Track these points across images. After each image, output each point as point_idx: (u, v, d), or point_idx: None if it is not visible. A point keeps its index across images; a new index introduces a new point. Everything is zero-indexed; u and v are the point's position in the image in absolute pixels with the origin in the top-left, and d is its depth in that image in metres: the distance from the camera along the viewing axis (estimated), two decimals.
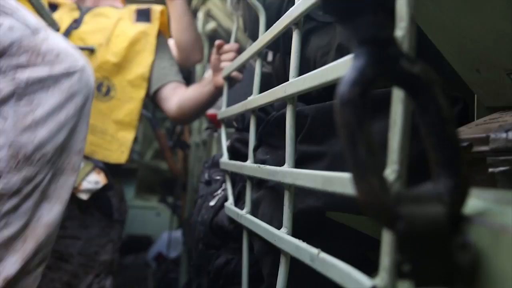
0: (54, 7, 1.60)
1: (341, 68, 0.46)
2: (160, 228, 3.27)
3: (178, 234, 2.65)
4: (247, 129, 0.97)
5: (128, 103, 1.52)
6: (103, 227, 1.49)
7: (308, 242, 0.54)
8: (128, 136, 1.51)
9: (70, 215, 1.42)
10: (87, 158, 1.43)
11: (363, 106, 0.30)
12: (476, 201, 0.31)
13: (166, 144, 2.48)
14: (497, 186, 0.50)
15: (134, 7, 1.65)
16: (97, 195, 1.43)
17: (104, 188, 1.44)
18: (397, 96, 0.35)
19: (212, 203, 1.07)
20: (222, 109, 1.09)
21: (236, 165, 0.90)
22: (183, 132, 2.36)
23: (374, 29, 0.30)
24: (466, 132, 0.54)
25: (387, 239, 0.35)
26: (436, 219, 0.29)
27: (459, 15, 0.57)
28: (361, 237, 0.69)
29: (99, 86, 1.48)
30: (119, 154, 1.49)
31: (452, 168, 0.30)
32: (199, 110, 1.51)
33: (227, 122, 1.13)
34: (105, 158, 1.47)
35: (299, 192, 0.68)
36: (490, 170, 0.49)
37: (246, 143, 0.95)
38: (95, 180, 1.41)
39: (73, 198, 1.39)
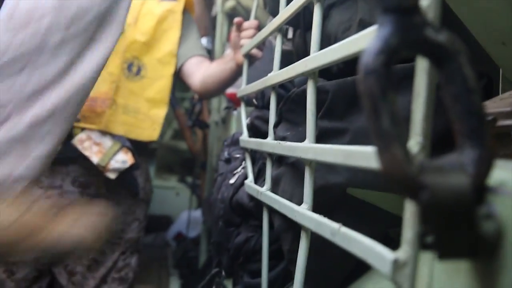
0: None
1: (363, 41, 0.45)
2: (179, 207, 3.29)
3: (197, 213, 2.67)
4: (267, 107, 0.96)
5: (159, 81, 1.55)
6: (129, 206, 1.52)
7: (329, 219, 0.54)
8: (160, 113, 1.54)
9: (97, 192, 1.46)
10: (115, 136, 1.45)
11: (387, 76, 0.29)
12: (500, 172, 0.31)
13: (185, 123, 2.49)
14: None
15: None
16: (124, 174, 1.45)
17: (131, 167, 1.46)
18: (421, 67, 0.35)
19: (232, 181, 1.08)
20: (242, 87, 1.09)
21: (256, 142, 0.90)
22: (202, 111, 2.36)
23: None
24: (491, 106, 0.53)
25: (409, 211, 0.35)
26: (460, 190, 0.29)
27: None
28: (382, 215, 0.68)
29: (129, 66, 1.50)
30: (151, 132, 1.52)
31: (476, 138, 0.29)
32: (222, 86, 1.54)
33: (247, 100, 1.13)
34: (138, 137, 1.50)
35: (320, 169, 0.67)
36: None
37: (266, 120, 0.95)
38: (123, 159, 1.44)
39: (101, 177, 1.43)
